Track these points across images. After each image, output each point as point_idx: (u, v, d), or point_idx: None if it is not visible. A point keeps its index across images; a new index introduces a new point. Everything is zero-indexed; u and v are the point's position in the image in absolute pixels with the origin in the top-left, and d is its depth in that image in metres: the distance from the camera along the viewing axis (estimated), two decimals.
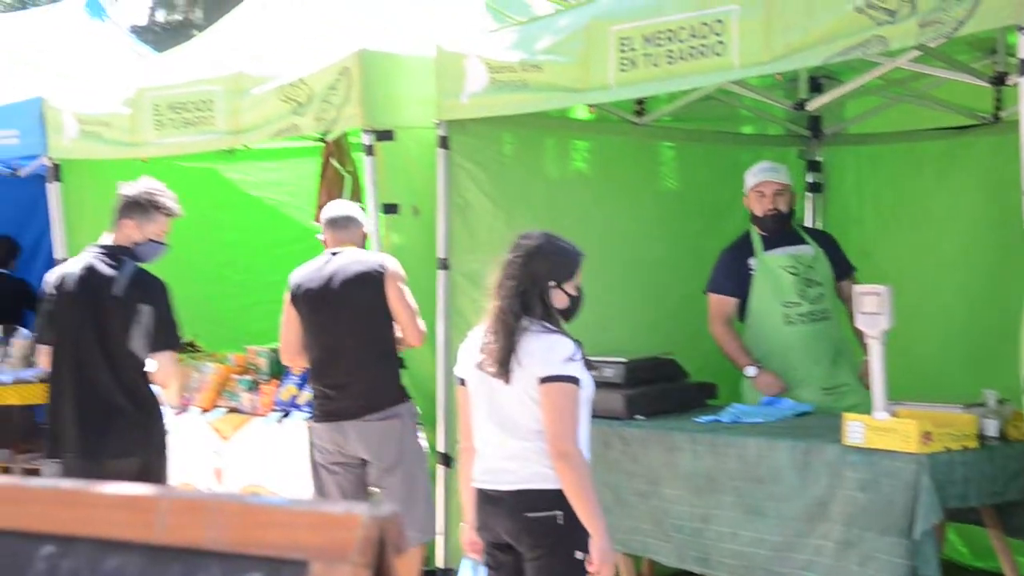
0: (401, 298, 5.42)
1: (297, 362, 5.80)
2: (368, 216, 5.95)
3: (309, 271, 5.57)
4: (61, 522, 1.36)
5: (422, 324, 5.52)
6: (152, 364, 5.26)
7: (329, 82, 5.87)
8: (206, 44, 7.45)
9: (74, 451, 5.20)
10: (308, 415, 6.60)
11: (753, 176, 5.89)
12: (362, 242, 5.66)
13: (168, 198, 5.39)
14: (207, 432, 6.85)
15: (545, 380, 3.84)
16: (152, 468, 5.31)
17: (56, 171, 7.43)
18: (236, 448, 6.76)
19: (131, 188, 5.37)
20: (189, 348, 7.58)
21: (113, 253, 5.28)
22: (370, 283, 5.40)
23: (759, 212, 5.86)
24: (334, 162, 7.03)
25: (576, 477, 3.84)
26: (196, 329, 7.56)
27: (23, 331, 8.41)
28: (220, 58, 6.91)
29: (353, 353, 5.44)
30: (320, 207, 7.20)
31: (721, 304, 5.96)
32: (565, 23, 5.31)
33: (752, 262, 5.90)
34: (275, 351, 7.10)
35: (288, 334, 5.64)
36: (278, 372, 7.11)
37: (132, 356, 5.21)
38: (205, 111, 6.51)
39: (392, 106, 5.99)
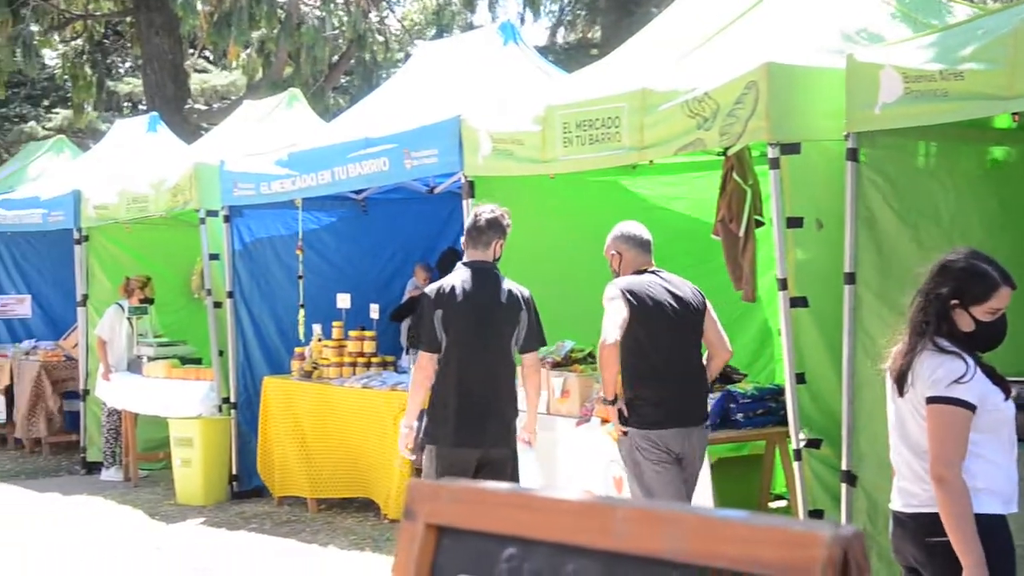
0: (713, 316, 6.01)
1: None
2: (772, 230, 5.91)
3: (645, 284, 5.91)
4: (522, 525, 1.43)
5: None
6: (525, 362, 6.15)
7: (735, 96, 5.86)
8: (612, 62, 7.60)
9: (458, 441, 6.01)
10: (707, 427, 6.63)
11: None
12: None
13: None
14: (607, 442, 6.99)
15: (930, 401, 3.73)
16: (511, 459, 6.16)
17: (471, 188, 7.81)
18: None
19: (492, 211, 6.22)
20: (589, 359, 7.78)
21: (490, 268, 6.20)
22: (702, 306, 5.99)
23: None
24: (735, 176, 7.01)
25: (950, 504, 3.66)
26: (588, 342, 7.76)
27: None
28: (625, 75, 7.03)
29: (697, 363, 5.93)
30: (719, 221, 7.22)
31: None
32: (987, 28, 5.06)
33: None
34: None
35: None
36: None
37: (510, 356, 6.11)
38: (611, 128, 6.65)
39: (798, 118, 5.91)
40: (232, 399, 10.36)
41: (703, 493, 6.37)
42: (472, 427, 6.07)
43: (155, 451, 11.59)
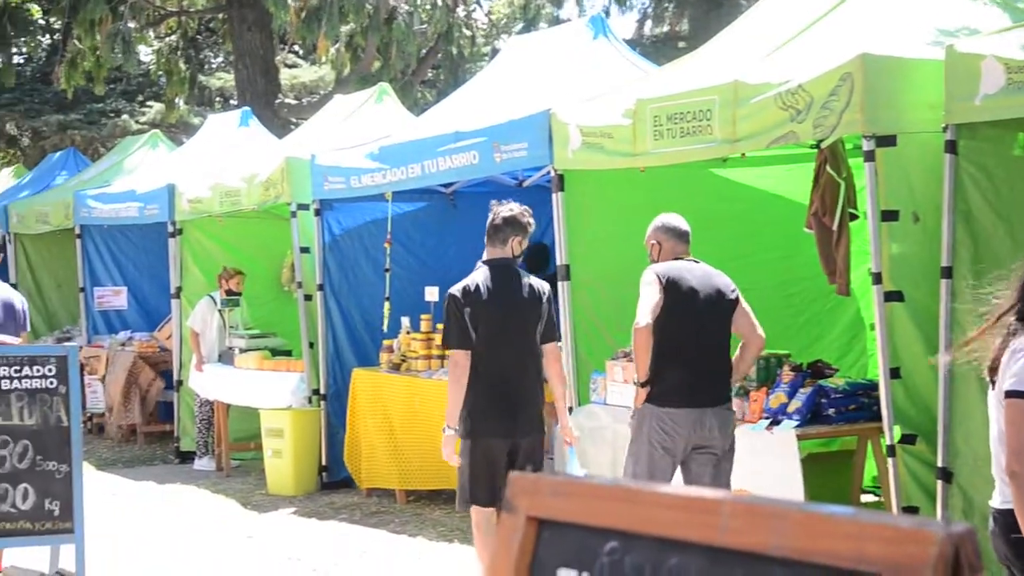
0: (745, 306, 6.21)
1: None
2: (867, 224, 5.85)
3: (678, 269, 6.10)
4: (624, 519, 1.43)
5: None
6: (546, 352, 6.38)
7: (830, 88, 5.79)
8: (703, 55, 7.55)
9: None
10: (797, 422, 6.58)
11: None
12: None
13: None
14: None
15: (1008, 395, 3.68)
16: (540, 442, 6.42)
17: (560, 181, 7.81)
18: None
19: (511, 210, 6.35)
20: None
21: (510, 264, 6.38)
22: (734, 296, 6.18)
23: None
24: (829, 169, 6.93)
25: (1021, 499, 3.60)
26: None
27: None
28: (716, 68, 6.98)
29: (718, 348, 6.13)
30: (812, 214, 7.15)
31: None
32: None
33: None
34: (764, 359, 7.15)
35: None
36: (766, 379, 7.12)
37: (536, 347, 6.32)
38: (702, 120, 6.60)
39: (894, 110, 5.83)
40: (322, 391, 10.47)
41: (793, 488, 6.32)
42: (505, 419, 6.30)
43: (246, 441, 11.75)
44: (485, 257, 6.46)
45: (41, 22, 26.39)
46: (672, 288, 5.94)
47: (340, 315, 10.53)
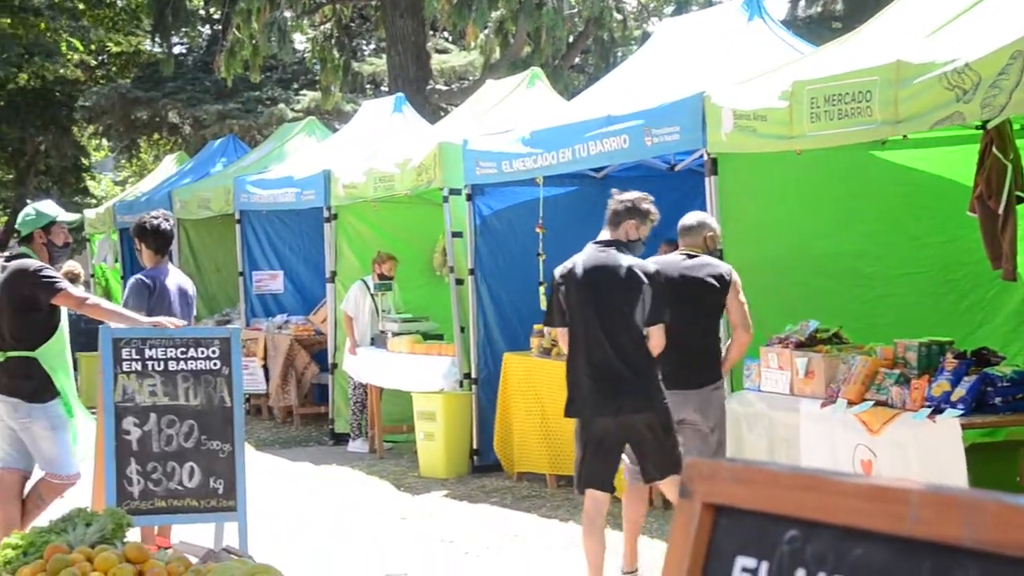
0: (736, 300, 6.91)
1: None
2: None
3: (667, 263, 6.89)
4: (807, 507, 1.40)
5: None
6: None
7: (999, 66, 5.59)
8: (862, 34, 7.37)
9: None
10: (961, 411, 6.39)
11: None
12: (705, 245, 7.04)
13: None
14: (855, 424, 6.82)
15: None
16: (659, 422, 6.50)
17: (713, 165, 7.72)
18: (884, 442, 6.67)
19: (635, 198, 6.69)
20: (835, 339, 7.59)
21: (612, 245, 6.54)
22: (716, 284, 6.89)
23: None
24: (995, 150, 6.70)
25: None
26: (832, 321, 7.58)
27: None
28: (876, 48, 6.81)
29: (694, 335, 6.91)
30: (976, 197, 6.93)
31: None
32: None
33: None
34: (926, 346, 6.96)
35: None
36: (928, 367, 6.93)
37: (633, 326, 6.38)
38: (862, 102, 6.44)
39: None
40: (473, 375, 10.55)
41: (956, 479, 6.14)
42: (607, 397, 6.39)
43: (399, 424, 11.92)
44: (598, 238, 6.65)
45: (201, 12, 27.11)
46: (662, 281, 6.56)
47: (491, 299, 10.59)
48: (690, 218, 7.21)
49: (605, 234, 6.62)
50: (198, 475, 6.47)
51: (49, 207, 7.33)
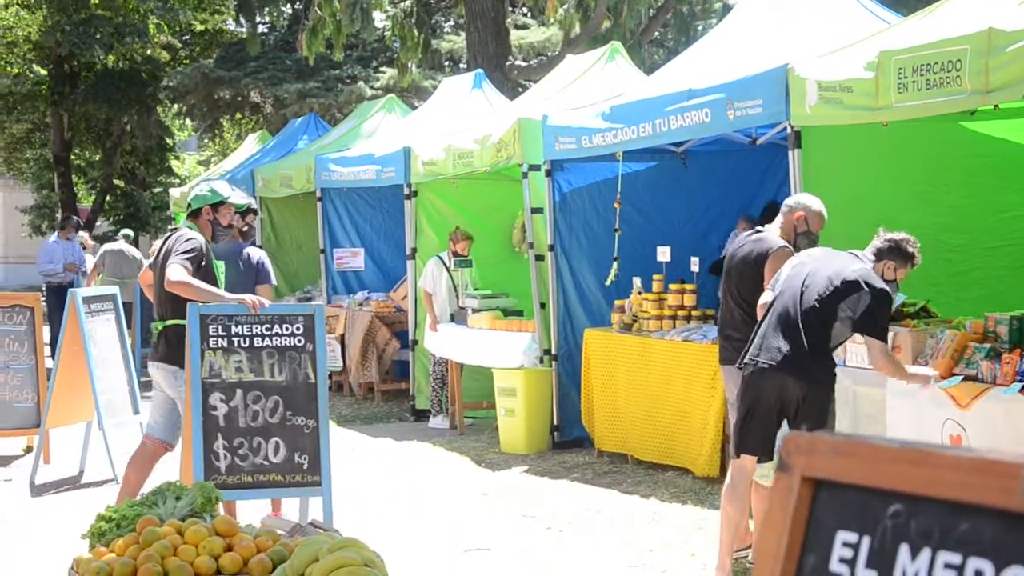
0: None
1: None
2: None
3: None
4: (911, 481, 1.36)
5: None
6: None
7: None
8: (951, 3, 7.21)
9: None
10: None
11: None
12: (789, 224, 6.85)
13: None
14: (943, 399, 6.71)
15: None
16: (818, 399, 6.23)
17: (797, 138, 7.61)
18: (974, 417, 6.55)
19: (895, 236, 6.34)
20: (923, 313, 7.48)
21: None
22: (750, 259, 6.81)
23: None
24: None
25: None
26: (920, 295, 7.46)
27: None
28: (966, 16, 6.66)
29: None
30: None
31: None
32: None
33: None
34: (1018, 319, 6.82)
35: None
36: (1020, 341, 6.79)
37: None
38: (951, 72, 6.31)
39: None
40: (553, 351, 10.54)
41: None
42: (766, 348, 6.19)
43: (479, 400, 11.95)
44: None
45: None
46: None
47: (571, 275, 10.57)
48: (789, 199, 7.00)
49: (866, 255, 6.34)
50: (283, 450, 6.54)
51: (223, 187, 7.46)
